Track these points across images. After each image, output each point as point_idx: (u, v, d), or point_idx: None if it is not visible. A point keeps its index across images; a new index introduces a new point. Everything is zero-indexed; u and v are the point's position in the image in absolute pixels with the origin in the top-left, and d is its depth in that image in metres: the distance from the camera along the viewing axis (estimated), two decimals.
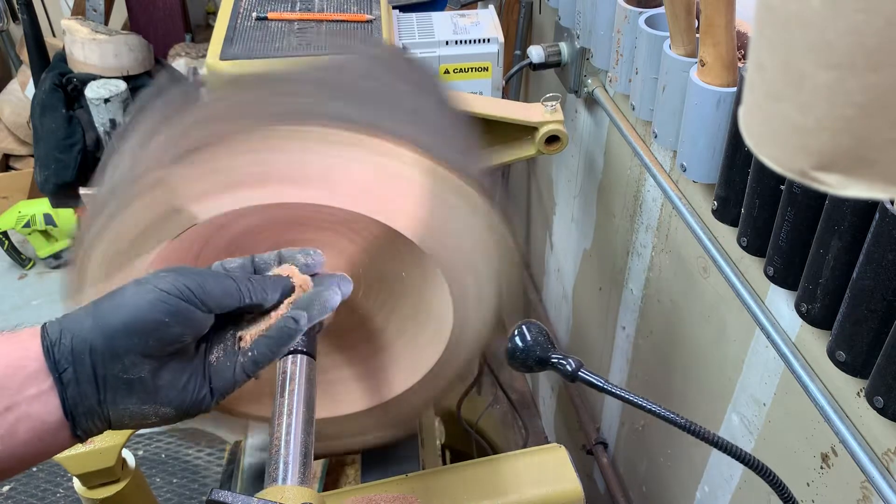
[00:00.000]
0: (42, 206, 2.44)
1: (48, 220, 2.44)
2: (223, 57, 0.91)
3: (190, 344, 0.51)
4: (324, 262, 0.59)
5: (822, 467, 0.79)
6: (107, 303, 0.48)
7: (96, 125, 1.66)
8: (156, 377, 0.49)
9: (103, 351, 0.46)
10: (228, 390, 0.53)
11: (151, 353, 0.48)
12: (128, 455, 0.95)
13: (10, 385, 0.45)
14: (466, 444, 1.40)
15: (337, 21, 0.98)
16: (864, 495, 0.72)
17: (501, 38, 1.12)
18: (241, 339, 0.54)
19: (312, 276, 0.58)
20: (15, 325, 2.40)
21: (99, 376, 0.47)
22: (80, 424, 0.47)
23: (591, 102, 1.32)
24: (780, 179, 0.73)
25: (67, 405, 0.46)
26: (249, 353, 0.53)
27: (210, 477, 1.90)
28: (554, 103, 1.08)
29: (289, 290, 0.56)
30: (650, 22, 0.97)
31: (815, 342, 0.75)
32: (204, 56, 1.03)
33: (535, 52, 1.32)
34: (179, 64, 2.19)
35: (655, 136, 0.97)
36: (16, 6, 2.17)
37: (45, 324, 0.48)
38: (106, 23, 2.17)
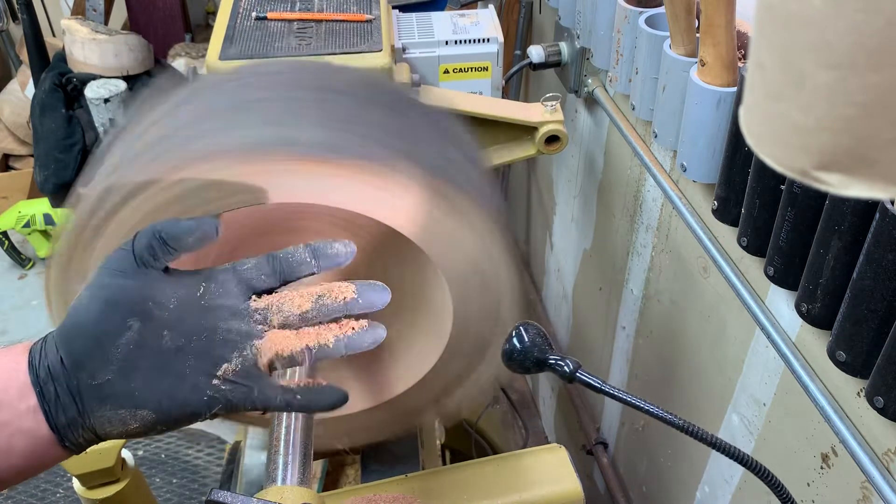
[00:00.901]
0: (42, 206, 2.43)
1: (48, 220, 2.44)
2: (223, 57, 0.90)
3: (146, 331, 0.48)
4: (355, 252, 0.55)
5: (822, 467, 0.78)
6: (68, 311, 0.48)
7: (96, 125, 1.66)
8: (126, 379, 0.47)
9: (68, 361, 0.46)
10: (237, 408, 0.50)
11: (107, 353, 0.47)
12: (127, 455, 0.96)
13: (3, 400, 0.46)
14: (466, 444, 1.40)
15: (337, 21, 0.98)
16: (864, 495, 0.72)
17: (501, 38, 1.12)
18: (271, 365, 0.51)
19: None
20: (15, 324, 2.40)
21: (73, 387, 0.47)
22: (66, 437, 0.47)
23: (591, 102, 1.32)
24: (781, 179, 0.73)
25: (51, 418, 0.46)
26: (292, 395, 0.50)
27: (210, 477, 1.90)
28: (554, 103, 1.08)
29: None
30: (650, 22, 0.97)
31: (815, 342, 0.75)
32: (204, 56, 1.03)
33: (535, 52, 1.32)
34: (179, 64, 2.19)
35: (655, 136, 0.97)
36: (16, 6, 2.17)
37: (37, 341, 0.48)
38: (106, 23, 2.17)
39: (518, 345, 0.66)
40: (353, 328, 0.53)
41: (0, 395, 0.46)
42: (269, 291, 0.53)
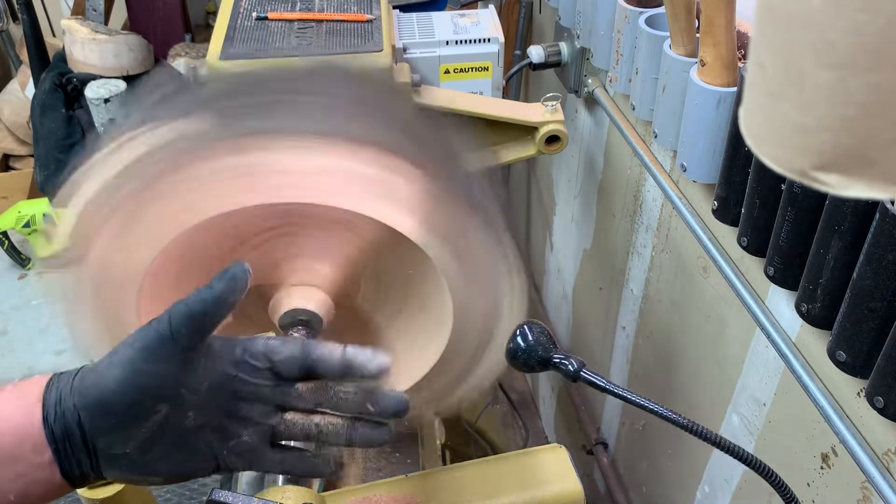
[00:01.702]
0: (42, 206, 2.43)
1: (48, 220, 2.44)
2: (223, 57, 0.90)
3: (173, 413, 0.49)
4: (389, 368, 0.55)
5: (822, 467, 0.78)
6: (89, 377, 0.48)
7: (96, 125, 1.65)
8: (144, 453, 0.48)
9: (88, 427, 0.47)
10: (243, 469, 0.52)
11: (130, 433, 0.48)
12: None
13: (20, 454, 0.47)
14: (466, 444, 1.40)
15: (337, 21, 0.98)
16: (864, 495, 0.72)
17: (502, 38, 1.12)
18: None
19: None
20: (15, 324, 2.40)
21: (89, 448, 0.48)
22: (78, 485, 0.50)
23: (591, 102, 1.32)
24: (781, 179, 0.73)
25: (66, 472, 0.48)
26: (288, 465, 0.53)
27: (210, 477, 1.90)
28: (554, 103, 1.08)
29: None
30: (650, 22, 0.97)
31: (815, 342, 0.75)
32: (204, 56, 1.03)
33: (535, 52, 1.32)
34: (179, 64, 2.19)
35: (655, 136, 0.97)
36: (16, 6, 2.17)
37: (47, 384, 0.49)
38: (106, 23, 2.17)
39: (522, 344, 0.66)
40: (362, 428, 0.54)
41: (15, 450, 0.47)
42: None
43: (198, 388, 0.49)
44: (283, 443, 0.54)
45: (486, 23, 1.15)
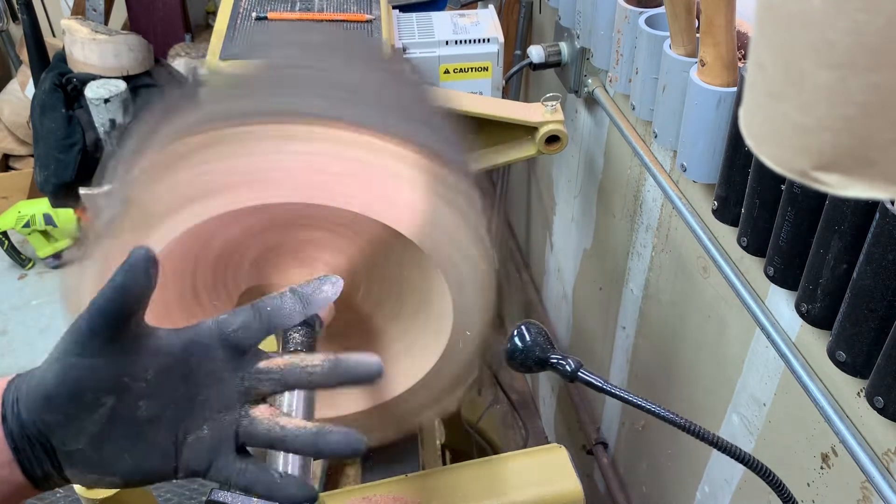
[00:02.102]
0: (42, 206, 2.43)
1: (48, 220, 2.44)
2: (223, 57, 0.91)
3: (120, 404, 0.48)
4: (341, 290, 0.54)
5: (822, 467, 0.79)
6: (36, 376, 0.48)
7: (96, 125, 1.66)
8: (96, 449, 0.47)
9: (40, 426, 0.47)
10: (199, 476, 0.49)
11: (78, 427, 0.47)
12: None
13: None
14: (466, 444, 1.40)
15: (337, 21, 0.98)
16: (864, 495, 0.72)
17: (501, 38, 1.12)
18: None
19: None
20: (15, 324, 2.40)
21: (46, 447, 0.47)
22: (42, 486, 0.49)
23: (591, 102, 1.32)
24: (781, 179, 0.73)
25: (27, 471, 0.48)
26: (253, 477, 0.49)
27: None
28: (554, 103, 1.08)
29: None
30: (650, 22, 0.97)
31: (815, 342, 0.75)
32: (204, 56, 1.03)
33: (535, 52, 1.32)
34: (179, 64, 2.19)
35: (655, 136, 0.97)
36: (16, 6, 2.17)
37: (8, 384, 0.48)
38: (106, 23, 2.17)
39: (520, 344, 0.66)
40: (332, 430, 0.51)
41: None
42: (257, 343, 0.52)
43: (143, 376, 0.48)
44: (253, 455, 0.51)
45: (486, 23, 1.15)
